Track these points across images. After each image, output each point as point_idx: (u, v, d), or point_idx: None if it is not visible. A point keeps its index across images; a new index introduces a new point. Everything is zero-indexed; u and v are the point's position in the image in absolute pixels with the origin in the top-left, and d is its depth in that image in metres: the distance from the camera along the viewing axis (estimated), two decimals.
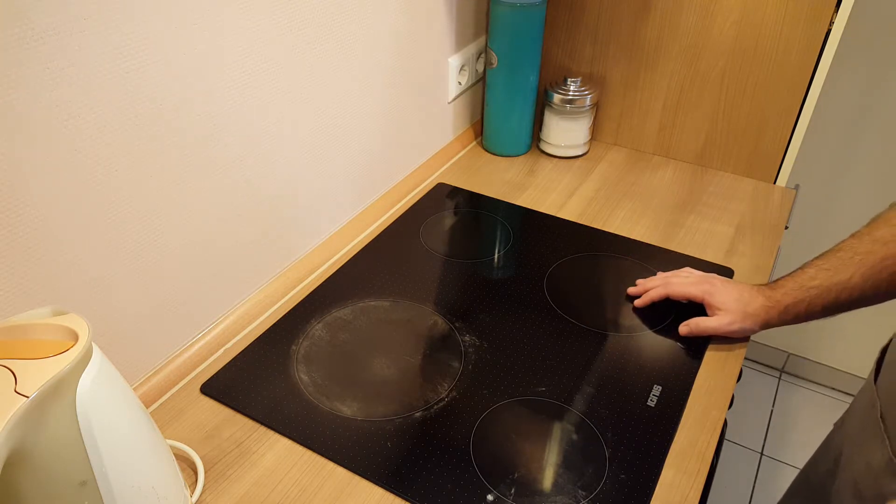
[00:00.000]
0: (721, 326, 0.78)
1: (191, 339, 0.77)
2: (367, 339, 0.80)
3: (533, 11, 1.04)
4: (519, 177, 1.12)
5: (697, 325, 0.79)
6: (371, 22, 0.87)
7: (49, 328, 0.47)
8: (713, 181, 1.12)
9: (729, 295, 0.78)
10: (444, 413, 0.71)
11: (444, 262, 0.93)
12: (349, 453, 0.67)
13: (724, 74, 1.06)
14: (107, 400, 0.47)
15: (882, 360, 0.72)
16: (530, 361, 0.77)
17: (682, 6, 1.04)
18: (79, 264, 0.60)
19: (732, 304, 0.77)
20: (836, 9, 0.94)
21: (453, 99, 1.13)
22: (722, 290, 0.79)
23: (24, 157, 0.53)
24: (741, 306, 0.77)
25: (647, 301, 0.84)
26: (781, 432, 1.73)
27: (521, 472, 0.65)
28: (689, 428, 0.70)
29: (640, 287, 0.86)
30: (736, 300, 0.77)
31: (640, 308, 0.85)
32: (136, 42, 0.58)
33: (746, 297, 0.77)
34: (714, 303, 0.79)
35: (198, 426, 0.70)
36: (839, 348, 1.76)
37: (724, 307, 0.78)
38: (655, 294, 0.83)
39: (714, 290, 0.79)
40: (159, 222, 0.67)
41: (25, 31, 0.50)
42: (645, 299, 0.84)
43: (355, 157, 0.94)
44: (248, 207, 0.78)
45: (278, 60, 0.74)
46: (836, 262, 0.71)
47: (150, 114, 0.62)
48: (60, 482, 0.45)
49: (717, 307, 0.78)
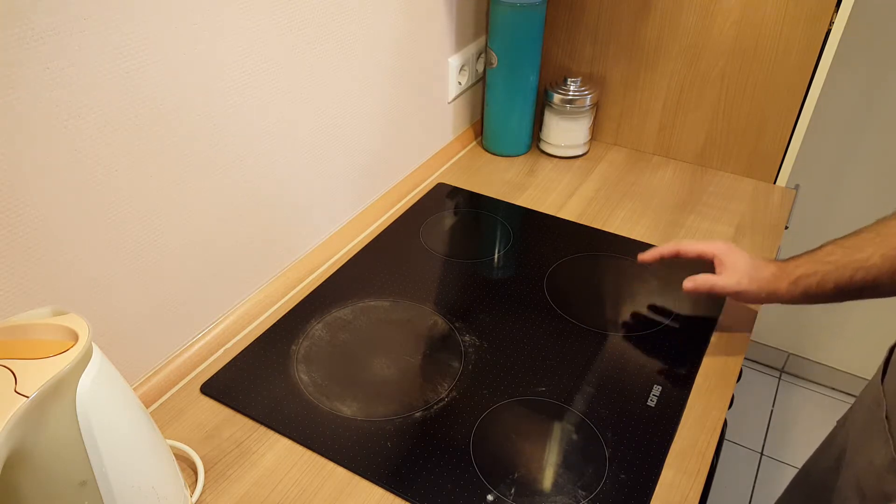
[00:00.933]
0: (728, 285, 0.74)
1: (191, 339, 0.77)
2: (367, 339, 0.80)
3: (533, 11, 1.04)
4: (519, 177, 1.12)
5: (705, 280, 0.76)
6: (371, 22, 0.87)
7: (49, 328, 0.47)
8: (713, 181, 1.12)
9: (742, 257, 0.76)
10: (444, 413, 0.71)
11: (444, 262, 0.93)
12: (349, 453, 0.67)
13: (724, 74, 1.06)
14: (107, 400, 0.47)
15: (889, 360, 0.72)
16: (530, 361, 0.77)
17: (682, 6, 1.04)
18: (79, 264, 0.60)
19: (742, 265, 0.75)
20: (836, 9, 0.94)
21: (453, 99, 1.13)
22: (735, 251, 0.77)
23: (25, 157, 0.53)
24: (751, 269, 0.74)
25: (655, 255, 0.82)
26: (781, 432, 1.73)
27: (521, 472, 0.65)
28: (689, 428, 0.70)
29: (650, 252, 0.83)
30: (747, 262, 0.75)
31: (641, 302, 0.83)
32: (136, 42, 0.58)
33: (758, 263, 0.75)
34: (726, 261, 0.76)
35: (198, 426, 0.70)
36: (839, 348, 1.76)
37: (734, 266, 0.75)
38: (666, 249, 0.81)
39: (728, 249, 0.77)
40: (159, 222, 0.67)
41: (25, 31, 0.50)
42: (654, 253, 0.82)
43: (355, 157, 0.94)
44: (248, 207, 0.78)
45: (278, 60, 0.74)
46: (857, 240, 0.68)
47: (150, 114, 0.62)
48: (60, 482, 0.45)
49: (728, 265, 0.75)
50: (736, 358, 0.78)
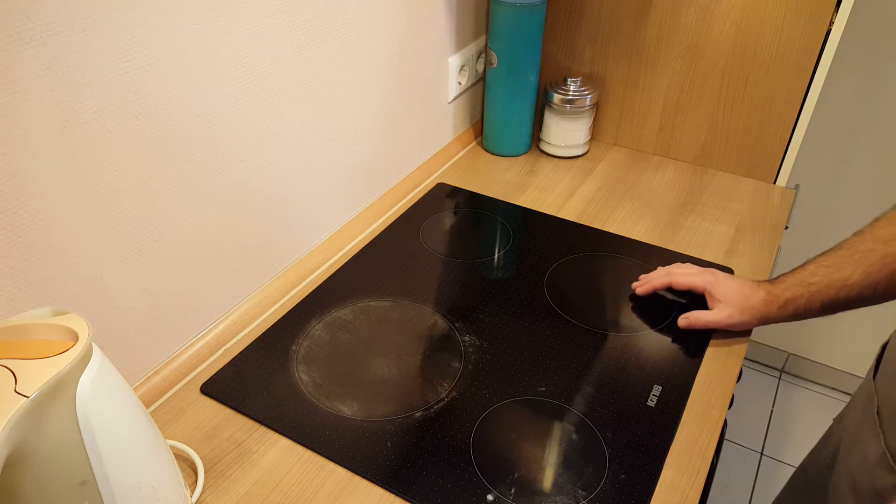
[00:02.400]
0: (721, 320, 0.78)
1: (191, 339, 0.77)
2: (367, 339, 0.80)
3: (533, 11, 1.04)
4: (519, 177, 1.12)
5: (698, 318, 0.80)
6: (371, 22, 0.87)
7: (49, 328, 0.47)
8: (713, 181, 1.12)
9: (730, 287, 0.79)
10: (444, 413, 0.71)
11: (444, 262, 0.93)
12: (349, 453, 0.67)
13: (724, 74, 1.06)
14: (107, 400, 0.47)
15: (882, 356, 0.72)
16: (530, 361, 0.77)
17: (682, 6, 1.04)
18: (79, 264, 0.60)
19: (733, 297, 0.78)
20: (836, 9, 0.94)
21: (453, 99, 1.13)
22: (724, 282, 0.80)
23: (25, 157, 0.53)
24: (741, 300, 0.77)
25: (649, 289, 0.85)
26: (781, 432, 1.73)
27: (521, 472, 0.65)
28: (689, 428, 0.70)
29: (642, 280, 0.86)
30: (737, 293, 0.78)
31: (641, 302, 0.85)
32: (137, 42, 0.58)
33: (747, 291, 0.78)
34: (715, 293, 0.79)
35: (198, 426, 0.70)
36: (839, 348, 1.76)
37: (724, 299, 0.79)
38: (658, 282, 0.84)
39: (716, 280, 0.80)
40: (159, 222, 0.67)
41: (25, 31, 0.50)
42: (647, 287, 0.85)
43: (355, 156, 0.94)
44: (249, 207, 0.78)
45: (278, 60, 0.74)
46: (836, 259, 0.72)
47: (150, 114, 0.62)
48: (60, 482, 0.45)
49: (718, 298, 0.79)
50: (736, 358, 0.78)
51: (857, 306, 0.71)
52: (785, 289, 0.75)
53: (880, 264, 0.68)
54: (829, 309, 0.72)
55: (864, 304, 0.70)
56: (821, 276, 0.72)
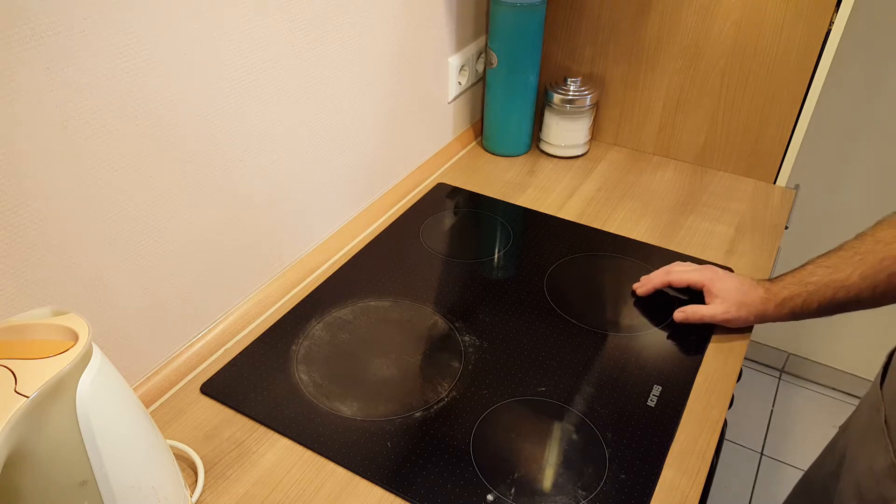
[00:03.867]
0: (717, 314, 0.78)
1: (191, 339, 0.77)
2: (367, 339, 0.80)
3: (533, 11, 1.04)
4: (519, 177, 1.12)
5: (694, 311, 0.80)
6: (371, 22, 0.87)
7: (49, 328, 0.47)
8: (713, 181, 1.12)
9: (729, 283, 0.79)
10: (444, 413, 0.71)
11: (444, 262, 0.93)
12: (349, 453, 0.67)
13: (724, 74, 1.06)
14: (107, 400, 0.47)
15: (889, 364, 0.72)
16: (530, 361, 0.77)
17: (682, 6, 1.04)
18: (79, 264, 0.60)
19: (731, 293, 0.78)
20: (836, 9, 0.94)
21: (453, 99, 1.13)
22: (722, 278, 0.80)
23: (25, 157, 0.53)
24: (739, 295, 0.78)
25: (649, 288, 0.85)
26: (781, 432, 1.73)
27: (521, 472, 0.65)
28: (689, 428, 0.70)
29: (643, 281, 0.87)
30: (735, 289, 0.78)
31: (641, 302, 0.85)
32: (137, 42, 0.58)
33: (745, 288, 0.78)
34: (713, 289, 0.79)
35: (198, 426, 0.70)
36: (839, 348, 1.76)
37: (722, 294, 0.79)
38: (658, 281, 0.84)
39: (715, 276, 0.81)
40: (160, 222, 0.67)
41: (25, 31, 0.50)
42: (647, 286, 0.85)
43: (355, 157, 0.94)
44: (249, 207, 0.78)
45: (278, 61, 0.74)
46: (836, 259, 0.72)
47: (150, 114, 0.62)
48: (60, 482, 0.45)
49: (716, 294, 0.79)
50: (736, 358, 0.78)
51: (855, 308, 0.71)
52: (783, 287, 0.75)
53: (880, 266, 0.68)
54: (826, 309, 0.72)
55: (862, 307, 0.70)
56: (819, 276, 0.72)
